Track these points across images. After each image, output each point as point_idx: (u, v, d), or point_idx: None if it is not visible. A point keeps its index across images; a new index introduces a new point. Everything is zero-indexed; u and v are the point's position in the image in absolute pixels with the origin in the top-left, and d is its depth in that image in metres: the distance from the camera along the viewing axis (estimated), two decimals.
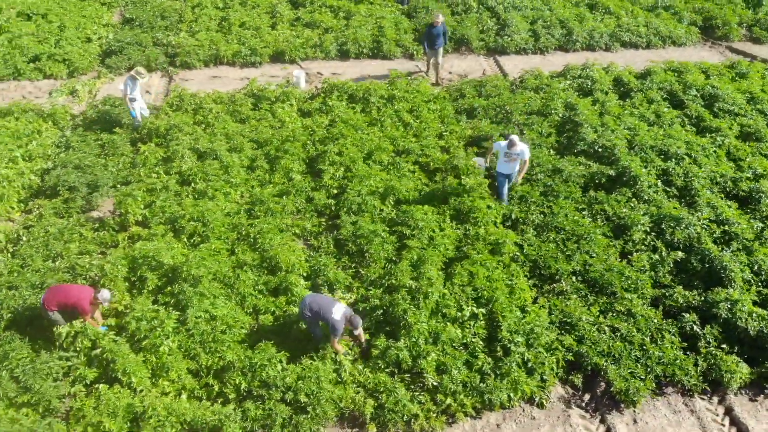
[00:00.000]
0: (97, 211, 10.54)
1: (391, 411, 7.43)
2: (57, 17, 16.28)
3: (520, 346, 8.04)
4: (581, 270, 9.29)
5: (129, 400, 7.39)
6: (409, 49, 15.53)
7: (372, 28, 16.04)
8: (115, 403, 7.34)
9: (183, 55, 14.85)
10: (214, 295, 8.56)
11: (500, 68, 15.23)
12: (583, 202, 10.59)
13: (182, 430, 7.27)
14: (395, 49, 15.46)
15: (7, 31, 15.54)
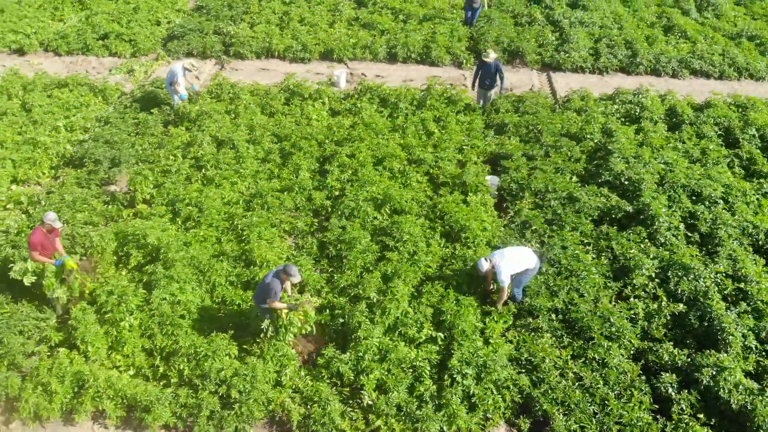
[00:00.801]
0: (114, 185, 11.13)
1: (317, 422, 7.32)
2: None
3: (468, 378, 7.65)
4: (563, 308, 8.68)
5: (80, 368, 7.77)
6: (459, 57, 15.17)
7: (426, 33, 15.81)
8: (67, 368, 7.74)
9: (237, 46, 15.36)
10: (184, 279, 8.80)
11: (551, 85, 14.52)
12: (591, 236, 9.88)
13: (118, 404, 7.55)
14: (444, 56, 15.15)
15: (88, 8, 16.78)
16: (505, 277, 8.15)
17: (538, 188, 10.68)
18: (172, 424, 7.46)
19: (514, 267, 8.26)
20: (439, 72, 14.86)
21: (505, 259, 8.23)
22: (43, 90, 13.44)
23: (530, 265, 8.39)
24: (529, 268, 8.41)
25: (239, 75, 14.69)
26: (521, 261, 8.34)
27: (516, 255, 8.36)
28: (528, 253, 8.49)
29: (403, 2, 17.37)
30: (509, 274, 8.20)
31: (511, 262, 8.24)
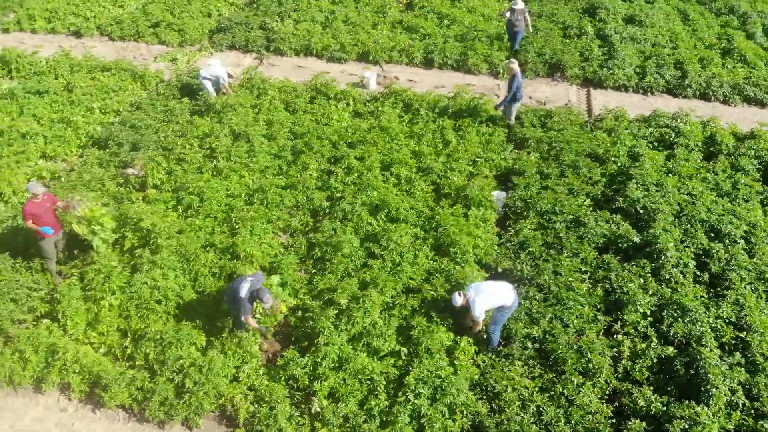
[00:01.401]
0: (132, 168, 11.56)
1: (262, 422, 7.33)
2: None
3: (422, 398, 7.42)
4: (541, 337, 8.27)
5: (55, 340, 8.13)
6: (497, 66, 14.76)
7: (466, 41, 15.49)
8: (43, 339, 8.12)
9: (278, 42, 15.60)
10: (168, 266, 9.02)
11: (588, 102, 13.89)
12: (591, 264, 9.37)
13: (83, 379, 7.84)
14: (481, 64, 14.79)
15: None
16: (478, 313, 7.81)
17: (544, 208, 10.23)
18: (128, 405, 7.67)
19: (489, 302, 7.84)
20: (473, 80, 14.53)
21: (481, 294, 7.80)
22: (88, 72, 14.17)
23: (507, 302, 7.93)
24: (506, 305, 7.95)
25: (275, 71, 14.92)
26: (497, 297, 7.86)
27: (492, 290, 7.90)
28: (506, 289, 8.00)
29: (451, 7, 17.11)
30: (483, 309, 7.82)
31: (487, 297, 7.79)
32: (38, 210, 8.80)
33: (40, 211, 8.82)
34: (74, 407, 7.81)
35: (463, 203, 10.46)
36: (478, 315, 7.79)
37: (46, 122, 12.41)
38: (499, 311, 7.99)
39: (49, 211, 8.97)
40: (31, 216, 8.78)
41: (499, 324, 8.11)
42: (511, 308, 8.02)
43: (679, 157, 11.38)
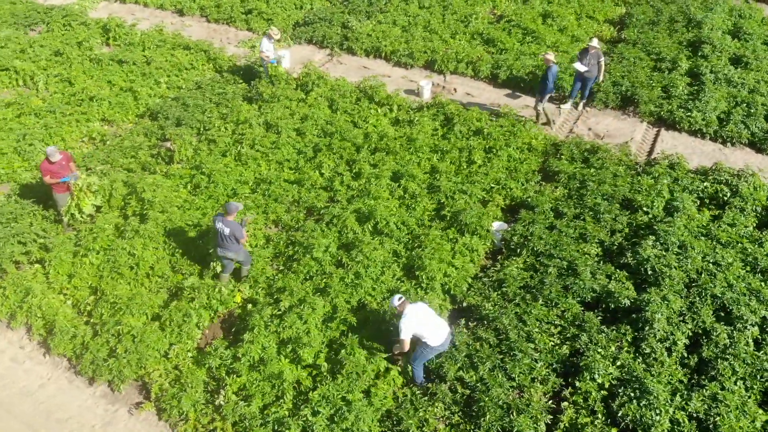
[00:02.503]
0: (170, 142, 12.36)
1: (167, 402, 7.57)
2: None
3: (319, 417, 7.22)
4: (473, 384, 7.69)
5: (32, 284, 8.97)
6: (565, 91, 13.80)
7: (541, 59, 14.63)
8: (24, 281, 9.00)
9: (351, 41, 15.80)
10: (149, 237, 9.56)
11: (653, 143, 12.55)
12: (567, 319, 8.52)
13: (43, 324, 8.58)
14: None
15: None
16: (403, 328, 7.39)
17: (540, 249, 9.47)
18: (68, 356, 8.27)
19: (417, 331, 7.37)
20: (534, 102, 13.69)
21: (411, 317, 7.34)
22: (171, 48, 15.31)
23: (432, 342, 7.37)
24: (430, 344, 7.40)
25: (340, 69, 15.14)
26: (426, 330, 7.32)
27: (426, 321, 7.41)
28: (440, 329, 7.49)
29: (542, 24, 16.25)
30: (409, 332, 7.36)
31: (416, 323, 7.32)
32: (54, 168, 9.72)
33: (56, 168, 9.73)
34: (31, 347, 8.58)
35: (458, 228, 9.95)
36: (402, 329, 7.26)
37: (116, 89, 13.59)
38: (422, 347, 7.53)
39: (65, 168, 9.85)
40: (49, 172, 9.70)
41: (419, 359, 7.64)
42: (435, 350, 7.50)
43: (726, 219, 9.94)
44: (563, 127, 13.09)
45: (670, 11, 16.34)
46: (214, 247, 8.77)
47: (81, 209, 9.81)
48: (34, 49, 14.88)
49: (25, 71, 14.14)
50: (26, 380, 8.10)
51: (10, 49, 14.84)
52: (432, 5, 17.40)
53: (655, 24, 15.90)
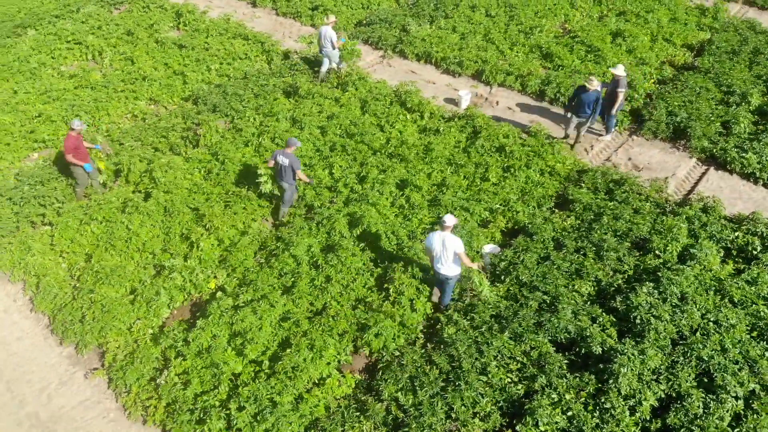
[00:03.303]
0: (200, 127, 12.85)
1: (114, 370, 7.93)
2: None
3: (243, 413, 7.26)
4: (407, 407, 7.41)
5: (33, 244, 9.67)
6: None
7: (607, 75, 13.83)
8: (28, 239, 9.73)
9: (405, 44, 15.68)
10: (147, 214, 10.02)
11: (696, 182, 11.47)
12: (530, 359, 7.99)
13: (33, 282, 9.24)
14: None
15: None
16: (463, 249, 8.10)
17: (524, 279, 8.95)
18: (48, 314, 8.85)
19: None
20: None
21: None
22: (231, 37, 15.91)
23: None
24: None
25: (388, 71, 15.08)
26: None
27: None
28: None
29: (610, 43, 15.29)
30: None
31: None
32: (77, 142, 10.38)
33: (78, 143, 10.40)
34: (22, 302, 9.26)
35: None
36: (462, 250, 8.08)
37: (169, 72, 14.33)
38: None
39: (82, 145, 10.52)
40: (73, 150, 10.39)
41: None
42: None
43: (746, 276, 8.89)
44: (601, 154, 12.27)
45: (756, 42, 14.83)
46: (276, 178, 10.11)
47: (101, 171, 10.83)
48: (109, 27, 16.01)
49: (95, 47, 15.24)
50: (8, 331, 8.75)
51: (89, 25, 16.07)
52: (498, 14, 16.88)
53: (735, 54, 14.49)
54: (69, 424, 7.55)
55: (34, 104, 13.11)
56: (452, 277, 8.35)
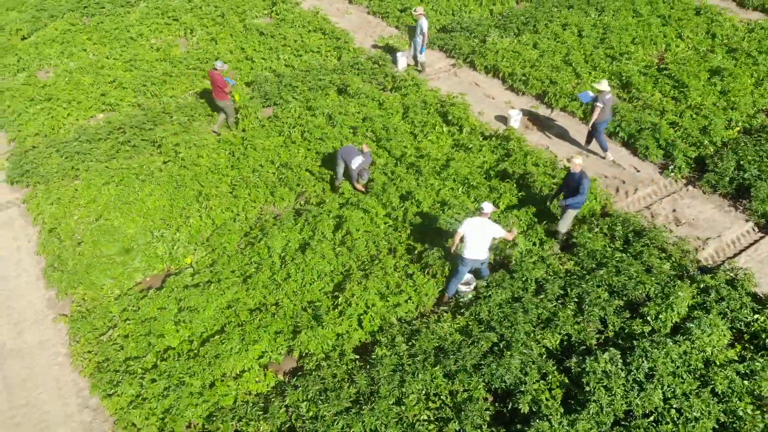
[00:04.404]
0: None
1: (75, 320, 8.58)
2: None
3: (155, 386, 7.55)
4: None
5: (60, 194, 10.71)
6: (675, 156, 11.57)
7: (660, 117, 12.52)
8: (54, 191, 10.79)
9: (476, 56, 15.18)
10: (158, 184, 10.70)
11: (744, 249, 9.98)
12: (454, 401, 7.49)
13: (46, 229, 10.24)
14: (655, 150, 11.79)
15: None
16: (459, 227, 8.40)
17: (481, 315, 8.39)
18: (46, 257, 9.77)
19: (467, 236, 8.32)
20: (633, 163, 11.76)
21: (474, 225, 8.27)
22: (312, 30, 16.38)
23: (469, 256, 8.42)
24: (466, 257, 8.42)
25: (452, 81, 14.72)
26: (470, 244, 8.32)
27: (478, 239, 8.31)
28: (482, 252, 8.45)
29: (704, 80, 13.66)
30: (462, 232, 8.35)
31: (471, 233, 8.26)
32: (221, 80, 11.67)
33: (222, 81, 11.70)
34: (33, 244, 10.25)
35: (422, 266, 9.24)
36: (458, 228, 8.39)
37: (242, 56, 15.07)
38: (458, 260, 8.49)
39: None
40: (222, 85, 11.73)
41: (455, 277, 8.66)
42: (467, 263, 8.44)
43: (745, 366, 7.62)
44: (643, 199, 11.07)
45: None
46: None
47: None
48: (209, 8, 17.16)
49: (188, 25, 16.43)
50: (12, 268, 9.78)
51: (192, 3, 17.32)
52: (589, 35, 15.75)
53: None
54: (22, 359, 8.31)
55: (115, 70, 14.43)
56: (485, 261, 8.57)
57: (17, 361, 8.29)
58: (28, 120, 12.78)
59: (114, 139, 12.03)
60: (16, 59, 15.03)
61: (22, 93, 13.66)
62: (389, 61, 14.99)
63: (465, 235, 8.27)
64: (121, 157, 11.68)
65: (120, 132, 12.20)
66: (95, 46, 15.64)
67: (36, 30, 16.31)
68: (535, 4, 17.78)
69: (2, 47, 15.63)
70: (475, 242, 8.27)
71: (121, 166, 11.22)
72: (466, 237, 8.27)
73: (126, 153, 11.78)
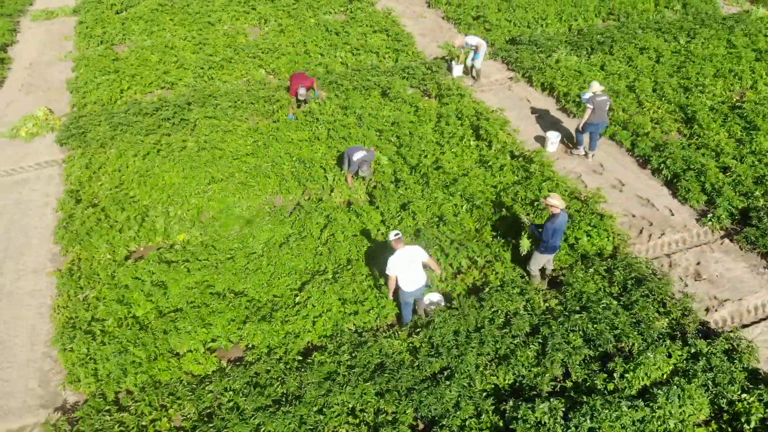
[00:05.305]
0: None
1: (63, 275, 9.24)
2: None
3: (104, 348, 7.97)
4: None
5: (93, 162, 11.56)
6: (714, 208, 10.45)
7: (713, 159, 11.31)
8: (89, 156, 11.67)
9: (535, 72, 14.51)
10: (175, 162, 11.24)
11: (763, 318, 8.82)
12: (375, 421, 7.26)
13: (70, 185, 11.09)
14: (698, 195, 10.62)
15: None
16: (390, 264, 7.90)
17: (436, 341, 8.05)
18: (62, 213, 10.57)
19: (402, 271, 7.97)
20: (670, 205, 10.71)
21: (406, 257, 7.91)
22: (378, 31, 16.44)
23: (409, 288, 8.03)
24: (406, 290, 8.04)
25: (501, 94, 14.22)
26: (405, 276, 7.94)
27: (411, 269, 7.96)
28: (419, 279, 8.05)
29: None
30: (395, 269, 7.90)
31: (404, 265, 7.91)
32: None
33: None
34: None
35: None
36: (387, 270, 7.93)
37: (302, 50, 15.43)
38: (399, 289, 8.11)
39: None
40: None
41: (403, 304, 8.26)
42: (409, 294, 8.09)
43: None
44: (666, 246, 10.07)
45: None
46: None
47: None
48: (286, 0, 17.73)
49: (262, 15, 17.07)
50: (35, 219, 10.63)
51: None
52: (666, 62, 14.52)
53: None
54: (11, 302, 9.08)
55: (184, 51, 15.30)
56: (426, 285, 8.17)
57: (7, 303, 9.06)
58: (93, 89, 13.89)
59: (158, 116, 12.75)
60: (103, 32, 16.37)
61: (96, 63, 14.88)
62: (443, 68, 14.70)
63: (397, 274, 7.90)
64: (160, 133, 12.34)
65: (165, 109, 12.89)
66: (175, 27, 16.67)
67: (130, 6, 17.66)
68: (620, 24, 16.67)
69: (97, 19, 17.10)
70: (410, 274, 7.93)
71: (153, 141, 11.88)
72: (399, 274, 7.90)
73: (165, 129, 12.45)
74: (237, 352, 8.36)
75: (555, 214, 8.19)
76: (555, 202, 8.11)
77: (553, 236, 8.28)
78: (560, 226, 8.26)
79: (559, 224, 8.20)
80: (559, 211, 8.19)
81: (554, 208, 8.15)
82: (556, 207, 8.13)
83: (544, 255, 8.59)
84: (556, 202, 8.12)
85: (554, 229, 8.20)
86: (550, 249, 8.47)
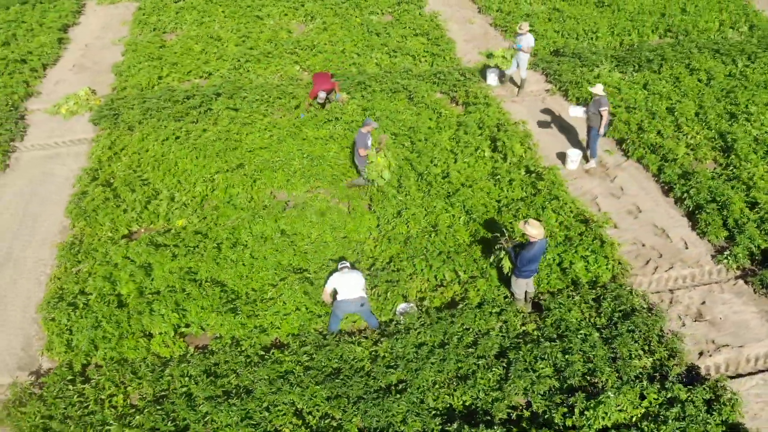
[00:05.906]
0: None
1: (64, 247, 9.74)
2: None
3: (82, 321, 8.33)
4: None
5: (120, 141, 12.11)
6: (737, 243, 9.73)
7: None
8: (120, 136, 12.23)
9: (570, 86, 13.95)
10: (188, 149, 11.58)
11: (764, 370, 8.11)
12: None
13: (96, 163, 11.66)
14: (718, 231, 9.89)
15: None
16: (329, 281, 8.15)
17: (398, 353, 7.91)
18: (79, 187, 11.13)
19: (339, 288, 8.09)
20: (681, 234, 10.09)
21: (343, 278, 8.07)
22: (417, 34, 16.31)
23: (342, 297, 8.03)
24: (340, 298, 8.03)
25: (531, 106, 13.78)
26: (342, 291, 8.04)
27: (350, 287, 8.03)
28: (355, 294, 8.01)
29: None
30: (331, 285, 8.09)
31: (341, 283, 8.06)
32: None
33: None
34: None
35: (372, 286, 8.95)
36: (325, 285, 8.18)
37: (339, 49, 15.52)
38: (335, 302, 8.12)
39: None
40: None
41: (333, 315, 8.24)
42: (341, 306, 8.05)
43: None
44: (672, 281, 9.46)
45: None
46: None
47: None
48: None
49: (309, 12, 17.30)
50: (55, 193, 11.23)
51: None
52: (716, 86, 13.60)
53: None
54: (15, 269, 9.65)
55: (227, 43, 15.74)
56: (363, 301, 8.03)
57: (11, 270, 9.64)
58: (134, 73, 14.53)
59: (187, 104, 13.18)
60: (158, 19, 17.10)
61: (143, 49, 15.55)
62: (477, 75, 14.41)
63: (335, 287, 8.03)
64: (188, 121, 12.76)
65: (194, 98, 13.31)
66: (225, 19, 17.18)
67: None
68: (675, 42, 15.77)
69: (155, 7, 17.89)
70: (347, 289, 7.99)
71: (174, 127, 12.29)
72: (338, 288, 8.02)
73: (192, 117, 12.85)
74: (206, 340, 8.52)
75: (532, 242, 7.80)
76: (533, 232, 7.67)
77: (528, 263, 7.93)
78: (536, 256, 7.87)
79: (534, 254, 7.81)
80: (536, 240, 7.79)
81: (532, 237, 7.76)
82: (534, 237, 7.73)
83: (521, 279, 8.24)
84: (535, 232, 7.68)
85: (529, 258, 7.83)
86: (526, 274, 8.11)
